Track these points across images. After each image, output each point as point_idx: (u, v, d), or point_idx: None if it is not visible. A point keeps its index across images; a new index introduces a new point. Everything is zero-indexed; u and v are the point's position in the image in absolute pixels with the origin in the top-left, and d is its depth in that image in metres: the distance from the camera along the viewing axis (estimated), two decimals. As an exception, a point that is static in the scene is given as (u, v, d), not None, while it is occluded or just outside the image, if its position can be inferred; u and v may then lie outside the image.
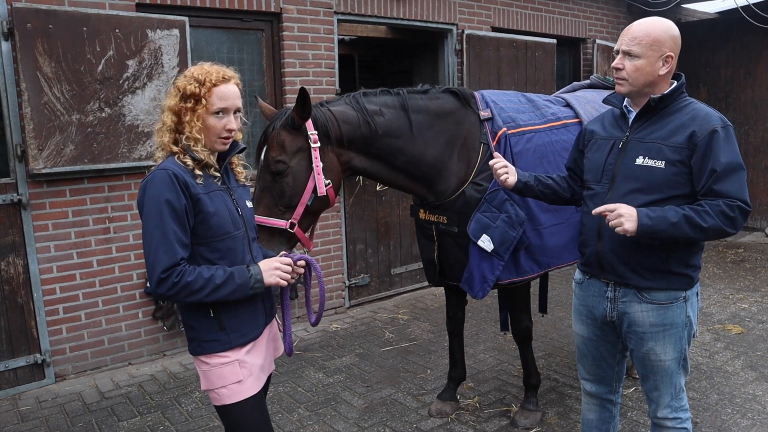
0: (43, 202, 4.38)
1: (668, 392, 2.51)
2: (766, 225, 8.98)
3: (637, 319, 2.45)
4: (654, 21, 2.37)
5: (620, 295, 2.49)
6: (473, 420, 3.85)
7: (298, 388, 4.37)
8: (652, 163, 2.33)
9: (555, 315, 5.74)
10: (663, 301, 2.40)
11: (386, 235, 6.42)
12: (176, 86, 2.18)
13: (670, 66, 2.35)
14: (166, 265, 2.04)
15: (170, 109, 2.17)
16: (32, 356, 4.42)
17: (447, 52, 6.74)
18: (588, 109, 3.83)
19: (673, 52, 2.34)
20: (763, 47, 8.86)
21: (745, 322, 5.42)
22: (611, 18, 8.52)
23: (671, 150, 2.30)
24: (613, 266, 2.46)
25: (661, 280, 2.39)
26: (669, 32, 2.34)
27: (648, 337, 2.44)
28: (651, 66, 2.33)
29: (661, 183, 2.31)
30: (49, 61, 4.17)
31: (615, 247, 2.43)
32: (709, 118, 2.29)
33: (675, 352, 2.45)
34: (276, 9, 5.31)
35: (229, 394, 2.25)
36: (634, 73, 2.35)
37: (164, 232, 2.04)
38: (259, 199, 2.90)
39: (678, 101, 2.39)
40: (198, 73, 2.17)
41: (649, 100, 2.37)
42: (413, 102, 3.30)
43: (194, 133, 2.15)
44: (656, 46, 2.32)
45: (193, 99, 2.14)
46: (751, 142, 9.06)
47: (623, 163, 2.42)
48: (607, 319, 2.55)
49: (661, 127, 2.37)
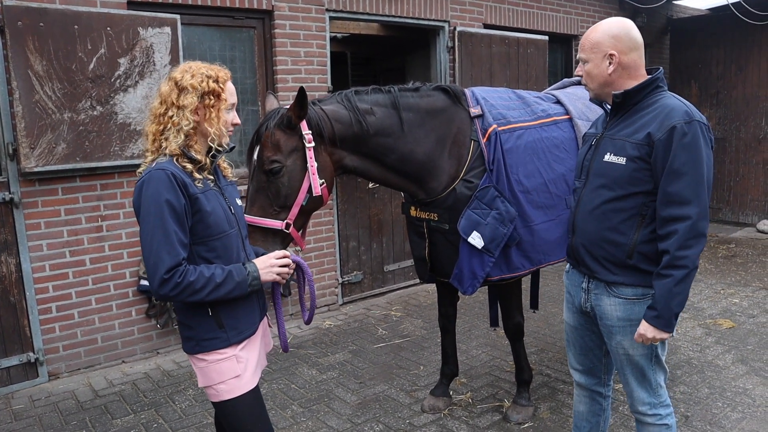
0: (35, 201, 4.38)
1: (642, 387, 2.53)
2: (757, 220, 9.04)
3: (606, 312, 2.49)
4: (598, 24, 2.44)
5: (593, 287, 2.54)
6: (466, 415, 3.88)
7: (291, 385, 4.38)
8: (616, 160, 2.37)
9: (547, 311, 5.77)
10: (630, 297, 2.43)
11: (379, 233, 6.44)
12: (188, 85, 2.14)
13: (615, 63, 2.36)
14: (169, 266, 2.04)
15: (188, 107, 2.14)
16: (25, 355, 4.42)
17: (439, 49, 6.75)
18: (578, 105, 3.85)
19: (614, 50, 2.35)
20: (754, 44, 8.91)
21: (736, 316, 5.46)
22: (603, 14, 8.53)
23: (632, 146, 2.32)
24: (583, 259, 2.52)
25: (627, 275, 2.41)
26: (608, 32, 2.37)
27: (616, 331, 2.49)
28: (597, 68, 2.40)
29: (622, 179, 2.34)
30: (41, 59, 4.16)
31: (584, 241, 2.49)
32: (672, 114, 2.26)
33: (644, 348, 2.46)
34: (268, 6, 5.31)
35: (228, 390, 2.26)
36: (587, 78, 2.46)
37: (166, 233, 2.04)
38: (253, 199, 2.88)
39: (650, 97, 2.39)
40: (206, 69, 2.19)
41: (613, 96, 2.41)
42: (404, 100, 3.31)
43: (220, 127, 2.19)
44: (596, 48, 2.38)
45: (213, 95, 2.17)
46: (742, 138, 9.11)
47: (595, 160, 2.48)
48: (583, 309, 2.61)
49: (630, 123, 2.39)
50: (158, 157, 2.16)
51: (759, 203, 9.06)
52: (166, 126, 2.17)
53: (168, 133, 2.16)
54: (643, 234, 2.34)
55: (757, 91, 8.98)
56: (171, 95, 2.17)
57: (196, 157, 2.17)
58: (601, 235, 2.41)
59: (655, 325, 2.28)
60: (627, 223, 2.36)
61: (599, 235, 2.42)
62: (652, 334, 2.30)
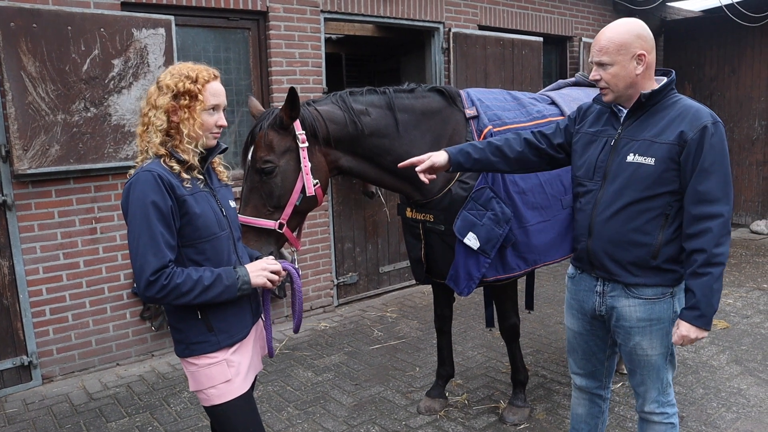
0: (28, 203, 4.35)
1: (655, 387, 2.54)
2: (750, 221, 9.08)
3: (625, 314, 2.48)
4: (616, 25, 2.39)
5: (609, 289, 2.52)
6: (462, 417, 3.87)
7: (287, 387, 4.37)
8: (642, 160, 2.34)
9: (543, 312, 5.77)
10: (650, 297, 2.43)
11: (374, 234, 6.43)
12: (164, 84, 2.14)
13: (645, 63, 2.36)
14: (155, 268, 2.02)
15: (161, 108, 2.13)
16: (19, 358, 4.39)
17: (434, 50, 6.75)
18: (573, 106, 3.83)
19: (644, 50, 2.35)
20: (747, 45, 8.96)
21: (731, 317, 5.48)
22: (597, 16, 8.57)
23: (661, 147, 2.31)
24: (602, 263, 2.49)
25: (649, 276, 2.41)
26: (633, 32, 2.35)
27: (635, 332, 2.47)
28: (625, 69, 2.35)
29: (650, 180, 2.33)
30: (34, 61, 4.14)
31: (604, 244, 2.46)
32: (699, 114, 2.30)
33: (662, 347, 2.47)
34: (262, 7, 5.30)
35: (218, 394, 2.25)
36: (612, 80, 2.38)
37: (152, 235, 2.03)
38: (247, 199, 2.89)
39: (668, 98, 2.40)
40: (187, 70, 2.16)
41: (640, 96, 2.38)
42: (399, 101, 3.31)
43: (195, 129, 2.15)
44: (624, 49, 2.34)
45: (188, 96, 2.13)
46: (735, 139, 9.15)
47: (615, 161, 2.43)
48: (597, 313, 2.58)
49: (652, 124, 2.38)
50: (147, 158, 2.16)
51: (752, 204, 9.11)
52: (147, 126, 2.17)
53: (150, 134, 2.15)
54: (667, 234, 2.35)
55: (750, 93, 9.03)
56: (152, 95, 2.17)
57: (183, 158, 2.15)
58: (626, 237, 2.39)
59: (699, 324, 2.28)
60: (652, 224, 2.36)
61: (623, 237, 2.39)
62: (695, 334, 2.29)
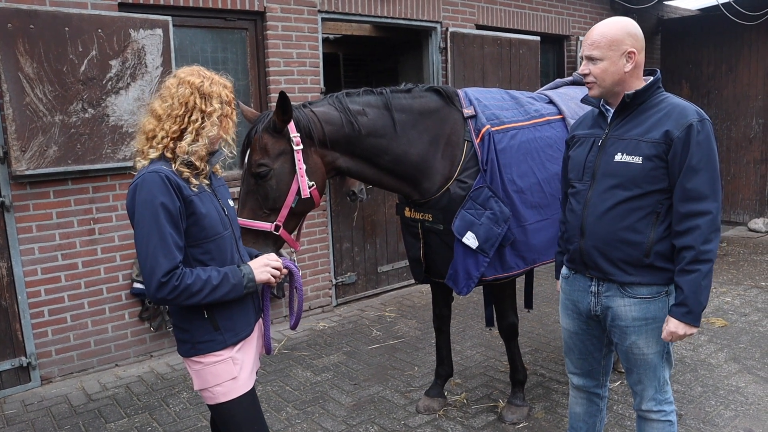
0: (26, 204, 4.35)
1: (652, 385, 2.55)
2: (748, 219, 9.09)
3: (620, 313, 2.48)
4: (610, 22, 2.43)
5: (603, 289, 2.52)
6: (461, 416, 3.88)
7: (286, 387, 4.37)
8: (630, 159, 2.36)
9: (541, 311, 5.78)
10: (645, 296, 2.43)
11: (373, 234, 6.43)
12: (214, 93, 2.17)
13: (634, 61, 2.38)
14: (166, 269, 2.03)
15: (215, 115, 2.17)
16: (17, 359, 4.39)
17: (432, 50, 6.76)
18: (571, 105, 3.86)
19: (634, 48, 2.37)
20: (744, 43, 8.97)
21: (729, 315, 5.49)
22: (594, 15, 8.58)
23: (648, 145, 2.33)
24: (596, 262, 2.49)
25: (643, 274, 2.42)
26: (625, 29, 2.39)
27: (631, 331, 2.48)
28: (615, 65, 2.38)
29: (639, 178, 2.35)
30: (31, 62, 4.14)
31: (597, 243, 2.46)
32: (685, 112, 2.32)
33: (658, 346, 2.48)
34: (260, 8, 5.30)
35: (224, 392, 2.26)
36: (601, 75, 2.40)
37: (162, 236, 2.03)
38: (243, 202, 2.90)
39: (654, 96, 2.42)
40: (219, 79, 2.23)
41: (624, 96, 2.41)
42: (397, 101, 3.31)
43: (233, 134, 2.27)
44: (615, 45, 2.37)
45: (230, 105, 2.24)
46: (732, 137, 9.16)
47: (603, 160, 2.45)
48: (592, 313, 2.59)
49: (639, 123, 2.40)
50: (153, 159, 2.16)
51: (750, 202, 9.12)
52: (186, 128, 2.14)
53: (187, 135, 2.14)
54: (659, 231, 2.37)
55: (747, 91, 9.04)
56: (193, 98, 2.14)
57: (196, 163, 2.17)
58: (618, 235, 2.40)
59: (687, 321, 2.30)
60: (643, 222, 2.37)
61: (615, 236, 2.40)
62: (684, 330, 2.31)
